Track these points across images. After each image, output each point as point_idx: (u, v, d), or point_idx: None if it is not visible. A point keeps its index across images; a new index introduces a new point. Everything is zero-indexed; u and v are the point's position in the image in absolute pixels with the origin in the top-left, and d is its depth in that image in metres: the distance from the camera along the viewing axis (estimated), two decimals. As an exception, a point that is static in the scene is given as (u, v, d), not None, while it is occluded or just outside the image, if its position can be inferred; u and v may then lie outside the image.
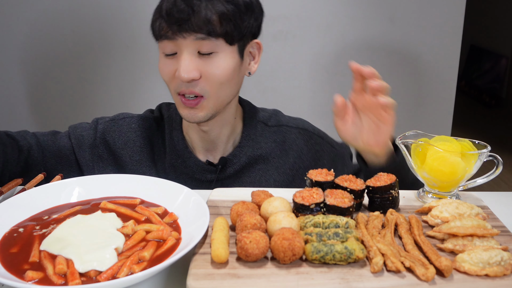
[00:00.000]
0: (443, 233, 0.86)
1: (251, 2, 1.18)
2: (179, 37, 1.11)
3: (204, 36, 1.11)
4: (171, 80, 1.16)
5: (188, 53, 1.12)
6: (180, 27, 1.10)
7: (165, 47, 1.15)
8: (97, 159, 1.30)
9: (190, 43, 1.12)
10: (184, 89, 1.14)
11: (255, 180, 1.29)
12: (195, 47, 1.12)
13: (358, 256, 0.76)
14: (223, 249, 0.76)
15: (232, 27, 1.13)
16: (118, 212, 0.94)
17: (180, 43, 1.12)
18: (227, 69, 1.15)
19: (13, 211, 0.92)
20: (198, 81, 1.13)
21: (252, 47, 1.24)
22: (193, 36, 1.11)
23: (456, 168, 0.97)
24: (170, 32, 1.11)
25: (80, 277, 0.74)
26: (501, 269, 0.76)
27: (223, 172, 1.27)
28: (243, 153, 1.28)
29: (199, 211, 0.89)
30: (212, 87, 1.15)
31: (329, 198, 0.90)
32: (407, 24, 2.46)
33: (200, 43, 1.12)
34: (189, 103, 1.15)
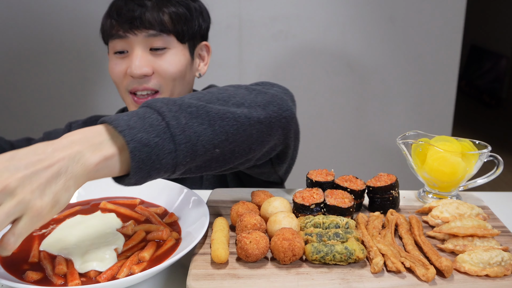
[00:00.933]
0: (443, 233, 0.86)
1: (199, 6, 1.22)
2: (130, 34, 1.14)
3: (156, 32, 1.14)
4: (122, 79, 1.18)
5: (139, 50, 1.14)
6: (131, 24, 1.13)
7: (115, 46, 1.17)
8: None
9: (141, 40, 1.14)
10: (137, 86, 1.16)
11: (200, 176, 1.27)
12: (147, 44, 1.15)
13: (358, 256, 0.76)
14: (223, 249, 0.76)
15: (182, 25, 1.16)
16: (118, 212, 0.94)
17: (132, 40, 1.14)
18: (179, 65, 1.17)
19: (12, 211, 0.91)
20: (150, 77, 1.15)
21: (201, 49, 1.28)
22: (144, 32, 1.14)
23: (457, 168, 0.97)
24: (121, 31, 1.14)
25: (80, 278, 0.74)
26: (502, 270, 0.76)
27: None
28: None
29: (199, 211, 0.89)
30: (165, 82, 1.17)
31: (329, 198, 0.90)
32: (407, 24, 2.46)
33: (152, 40, 1.14)
34: (140, 101, 1.17)
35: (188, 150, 0.75)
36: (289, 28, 2.41)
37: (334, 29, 2.43)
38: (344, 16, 2.42)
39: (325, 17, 2.41)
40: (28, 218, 0.64)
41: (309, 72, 2.49)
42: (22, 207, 0.63)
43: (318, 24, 2.42)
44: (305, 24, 2.42)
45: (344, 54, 2.48)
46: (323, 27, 2.43)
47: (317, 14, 2.41)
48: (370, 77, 2.53)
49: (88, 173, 0.70)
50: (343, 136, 2.56)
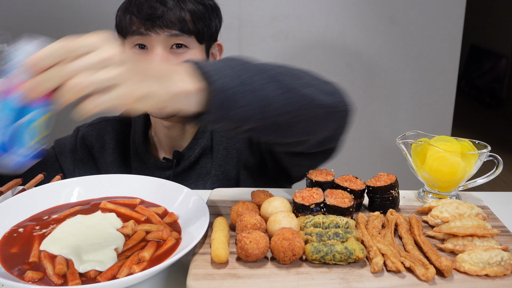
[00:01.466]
0: (443, 233, 0.86)
1: (214, 4, 1.23)
2: (152, 33, 1.13)
3: (178, 32, 1.14)
4: None
5: (160, 49, 1.14)
6: (154, 23, 1.12)
7: (135, 41, 1.16)
8: (78, 163, 1.33)
9: (163, 39, 1.14)
10: None
11: (209, 170, 1.28)
12: (168, 43, 1.15)
13: (358, 256, 0.76)
14: (223, 249, 0.76)
15: (202, 25, 1.17)
16: (118, 212, 0.94)
17: (153, 38, 1.14)
18: None
19: (13, 211, 0.92)
20: None
21: (214, 48, 1.28)
22: (166, 32, 1.13)
23: (456, 168, 0.97)
24: (142, 28, 1.13)
25: (80, 277, 0.74)
26: (501, 269, 0.76)
27: (178, 166, 1.29)
28: (197, 145, 1.29)
29: (199, 211, 0.89)
30: None
31: (329, 198, 0.90)
32: (407, 24, 2.46)
33: (173, 39, 1.14)
34: None
35: (262, 108, 0.80)
36: (289, 28, 2.41)
37: (334, 29, 2.43)
38: (344, 16, 2.42)
39: (325, 17, 2.42)
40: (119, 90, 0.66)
41: (309, 72, 2.49)
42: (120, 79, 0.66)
43: (318, 24, 2.42)
44: (305, 24, 2.42)
45: (344, 54, 2.48)
46: (323, 27, 2.43)
47: (317, 14, 2.41)
48: (370, 77, 2.53)
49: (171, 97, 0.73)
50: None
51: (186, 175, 1.29)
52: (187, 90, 0.74)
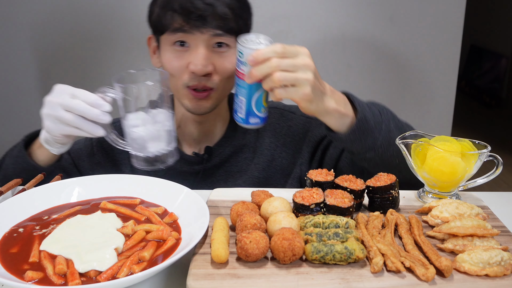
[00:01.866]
0: (443, 233, 0.86)
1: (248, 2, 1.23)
2: (196, 32, 1.13)
3: (222, 32, 1.14)
4: (181, 73, 1.18)
5: (203, 47, 1.15)
6: (199, 22, 1.12)
7: (175, 39, 1.16)
8: (96, 166, 1.33)
9: (206, 38, 1.14)
10: (197, 83, 1.17)
11: (240, 169, 1.30)
12: (210, 41, 1.15)
13: (358, 256, 0.76)
14: (223, 249, 0.76)
15: (242, 23, 1.18)
16: (118, 212, 0.94)
17: (197, 37, 1.14)
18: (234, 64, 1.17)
19: (13, 211, 0.92)
20: (210, 75, 1.16)
21: None
22: (211, 32, 1.14)
23: (456, 168, 0.97)
24: (186, 26, 1.13)
25: (80, 277, 0.74)
26: (501, 269, 0.76)
27: (209, 162, 1.29)
28: (228, 143, 1.30)
29: (199, 211, 0.89)
30: (221, 81, 1.18)
31: (329, 198, 0.90)
32: (407, 24, 2.46)
33: (216, 39, 1.15)
34: (200, 95, 1.18)
35: (386, 146, 1.08)
36: (289, 28, 2.41)
37: (334, 29, 2.43)
38: (344, 16, 2.42)
39: (325, 17, 2.41)
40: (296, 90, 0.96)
41: (309, 72, 2.49)
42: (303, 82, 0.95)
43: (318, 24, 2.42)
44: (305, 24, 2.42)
45: (344, 54, 2.48)
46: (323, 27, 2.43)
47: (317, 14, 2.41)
48: (370, 77, 2.53)
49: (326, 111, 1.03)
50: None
51: (214, 171, 1.30)
52: (342, 112, 1.04)
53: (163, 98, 0.99)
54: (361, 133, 1.06)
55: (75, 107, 0.98)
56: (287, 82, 0.94)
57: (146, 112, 0.98)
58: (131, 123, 0.99)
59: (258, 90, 0.99)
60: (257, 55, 0.94)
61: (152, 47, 1.29)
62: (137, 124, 0.99)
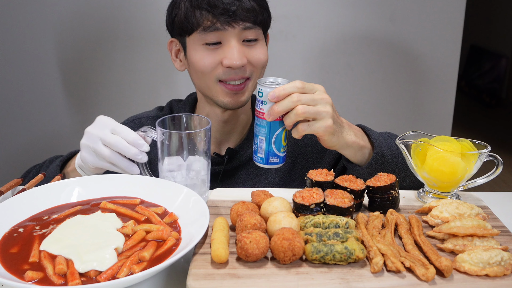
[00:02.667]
0: (443, 233, 0.86)
1: None
2: (229, 27, 1.15)
3: (251, 25, 1.17)
4: (214, 68, 1.19)
5: (235, 41, 1.17)
6: (229, 17, 1.14)
7: (207, 38, 1.17)
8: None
9: (238, 32, 1.17)
10: (234, 75, 1.19)
11: (260, 173, 1.31)
12: (241, 35, 1.18)
13: (358, 256, 0.76)
14: (223, 249, 0.76)
15: (267, 15, 1.22)
16: (118, 212, 0.94)
17: (229, 32, 1.16)
18: (266, 54, 1.24)
19: (13, 211, 0.92)
20: (245, 67, 1.19)
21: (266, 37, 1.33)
22: (241, 25, 1.16)
23: (456, 168, 0.97)
24: (218, 23, 1.15)
25: (80, 277, 0.74)
26: (501, 269, 0.76)
27: (230, 163, 1.29)
28: (249, 145, 1.31)
29: (199, 211, 0.89)
30: (256, 71, 1.22)
31: (329, 198, 0.90)
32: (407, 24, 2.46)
33: (246, 32, 1.18)
34: (236, 88, 1.20)
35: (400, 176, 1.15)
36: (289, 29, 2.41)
37: (334, 29, 2.43)
38: (343, 16, 2.42)
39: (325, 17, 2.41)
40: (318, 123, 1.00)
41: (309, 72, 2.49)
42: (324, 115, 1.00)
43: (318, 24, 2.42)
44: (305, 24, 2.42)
45: (344, 54, 2.48)
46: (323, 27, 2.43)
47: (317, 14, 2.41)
48: (370, 77, 2.53)
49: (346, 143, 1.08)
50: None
51: (234, 173, 1.31)
52: (361, 144, 1.10)
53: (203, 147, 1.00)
54: (378, 166, 1.11)
55: (114, 144, 1.01)
56: (310, 115, 0.98)
57: (183, 158, 1.00)
58: (167, 167, 1.01)
59: (278, 129, 1.02)
60: (278, 91, 0.98)
61: (174, 51, 1.30)
62: (172, 169, 1.01)
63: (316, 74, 2.48)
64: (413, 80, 2.56)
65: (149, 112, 1.40)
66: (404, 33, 2.47)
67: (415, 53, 2.51)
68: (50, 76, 2.40)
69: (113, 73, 2.43)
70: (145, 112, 1.40)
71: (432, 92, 2.58)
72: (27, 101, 2.42)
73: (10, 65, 2.35)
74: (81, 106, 2.48)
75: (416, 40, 2.49)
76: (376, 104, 2.57)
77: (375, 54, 2.49)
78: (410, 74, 2.54)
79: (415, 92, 2.58)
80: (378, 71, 2.52)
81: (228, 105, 1.22)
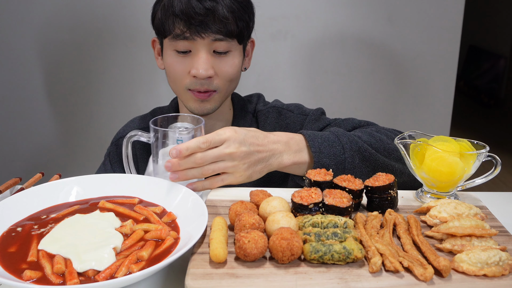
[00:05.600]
0: (441, 233, 0.86)
1: (251, 3, 1.24)
2: (197, 37, 1.14)
3: (222, 37, 1.15)
4: (183, 77, 1.20)
5: (205, 52, 1.16)
6: (200, 27, 1.13)
7: (177, 45, 1.17)
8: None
9: (207, 42, 1.16)
10: (199, 87, 1.19)
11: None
12: (211, 46, 1.17)
13: (356, 256, 0.76)
14: (222, 248, 0.76)
15: (243, 26, 1.19)
16: (117, 212, 0.94)
17: (198, 42, 1.16)
18: (238, 66, 1.23)
19: (11, 210, 0.91)
20: (212, 78, 1.19)
21: (248, 45, 1.31)
22: (211, 36, 1.15)
23: (455, 168, 0.97)
24: (188, 32, 1.14)
25: (78, 277, 0.74)
26: (500, 269, 0.76)
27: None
28: None
29: (198, 211, 0.89)
30: (223, 83, 1.21)
31: (328, 198, 0.90)
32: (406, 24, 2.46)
33: (217, 43, 1.16)
34: (202, 96, 1.20)
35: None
36: (288, 28, 2.41)
37: (332, 29, 2.44)
38: (343, 16, 2.42)
39: (324, 17, 2.42)
40: (231, 177, 1.01)
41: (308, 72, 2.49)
42: (233, 170, 1.00)
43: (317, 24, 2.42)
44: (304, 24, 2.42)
45: (343, 54, 2.48)
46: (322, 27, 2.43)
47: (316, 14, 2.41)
48: (368, 77, 2.53)
49: (281, 168, 1.07)
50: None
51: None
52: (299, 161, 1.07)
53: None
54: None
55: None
56: (218, 171, 1.00)
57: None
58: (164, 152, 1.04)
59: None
60: (181, 148, 0.96)
61: (156, 49, 1.31)
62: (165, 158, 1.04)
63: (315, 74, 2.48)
64: (411, 80, 2.56)
65: (131, 124, 1.41)
66: (403, 33, 2.47)
67: (414, 53, 2.51)
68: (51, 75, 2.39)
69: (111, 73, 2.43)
70: (126, 126, 1.42)
71: (430, 92, 2.59)
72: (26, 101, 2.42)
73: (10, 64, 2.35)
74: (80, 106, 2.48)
75: (415, 40, 2.49)
76: (375, 104, 2.57)
77: (374, 54, 2.49)
78: (409, 74, 2.55)
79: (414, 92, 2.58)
80: (377, 71, 2.53)
81: (195, 112, 1.24)
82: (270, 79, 2.47)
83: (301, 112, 1.36)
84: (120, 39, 2.37)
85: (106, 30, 2.35)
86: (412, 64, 2.53)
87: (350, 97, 2.52)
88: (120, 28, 2.35)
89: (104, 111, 2.49)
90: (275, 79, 2.48)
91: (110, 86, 2.45)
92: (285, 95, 2.49)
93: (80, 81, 2.43)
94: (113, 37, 2.37)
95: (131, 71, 2.43)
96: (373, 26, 2.45)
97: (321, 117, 1.35)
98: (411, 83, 2.56)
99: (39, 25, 2.31)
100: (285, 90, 2.50)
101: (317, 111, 1.36)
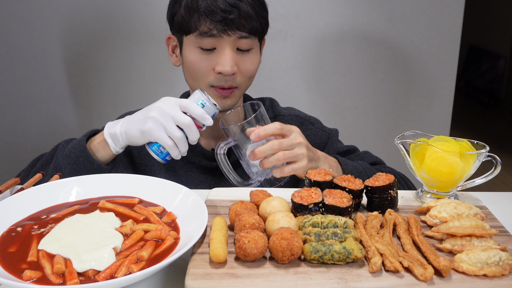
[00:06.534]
0: (441, 233, 0.86)
1: (265, 2, 1.27)
2: (224, 35, 1.16)
3: (247, 34, 1.18)
4: (207, 74, 1.22)
5: (230, 49, 1.19)
6: (226, 25, 1.15)
7: (203, 43, 1.19)
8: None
9: (232, 40, 1.18)
10: (224, 83, 1.21)
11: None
12: (236, 44, 1.19)
13: (356, 256, 0.76)
14: (222, 248, 0.76)
15: (264, 24, 1.23)
16: (117, 212, 0.94)
17: (224, 40, 1.18)
18: (257, 63, 1.26)
19: (11, 210, 0.91)
20: (235, 75, 1.21)
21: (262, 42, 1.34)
22: (237, 34, 1.17)
23: (455, 168, 0.97)
24: (214, 30, 1.16)
25: (78, 277, 0.74)
26: (499, 269, 0.76)
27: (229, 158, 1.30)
28: None
29: (198, 211, 0.89)
30: (244, 80, 1.24)
31: (328, 198, 0.90)
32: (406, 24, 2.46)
33: (241, 41, 1.19)
34: (225, 92, 1.23)
35: None
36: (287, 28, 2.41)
37: (332, 29, 2.43)
38: (342, 16, 2.42)
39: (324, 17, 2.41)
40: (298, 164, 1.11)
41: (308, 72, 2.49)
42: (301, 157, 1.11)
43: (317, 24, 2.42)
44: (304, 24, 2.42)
45: (343, 54, 2.48)
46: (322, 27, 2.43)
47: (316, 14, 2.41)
48: (368, 77, 2.53)
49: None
50: (341, 136, 2.59)
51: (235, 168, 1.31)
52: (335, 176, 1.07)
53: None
54: None
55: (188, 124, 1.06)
56: (289, 159, 1.10)
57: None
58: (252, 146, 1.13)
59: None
60: (259, 132, 1.07)
61: (171, 46, 1.32)
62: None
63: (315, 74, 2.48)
64: (411, 80, 2.56)
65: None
66: (403, 33, 2.47)
67: (414, 53, 2.51)
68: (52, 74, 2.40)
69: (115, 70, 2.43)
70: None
71: (430, 92, 2.59)
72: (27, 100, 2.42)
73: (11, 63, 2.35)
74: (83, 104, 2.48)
75: (415, 40, 2.49)
76: (375, 104, 2.57)
77: (374, 54, 2.49)
78: (409, 74, 2.55)
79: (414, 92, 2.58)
80: (377, 71, 2.53)
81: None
82: (270, 79, 2.47)
83: (320, 127, 1.42)
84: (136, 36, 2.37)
85: (107, 31, 2.36)
86: (412, 64, 2.53)
87: (350, 97, 2.52)
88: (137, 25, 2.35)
89: (104, 111, 2.49)
90: (275, 79, 2.48)
91: (109, 86, 2.45)
92: (285, 95, 2.49)
93: (80, 82, 2.43)
94: (114, 38, 2.37)
95: (130, 71, 2.43)
96: (373, 26, 2.45)
97: (338, 139, 1.43)
98: (411, 83, 2.56)
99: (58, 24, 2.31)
100: (285, 90, 2.50)
101: (336, 132, 1.44)
